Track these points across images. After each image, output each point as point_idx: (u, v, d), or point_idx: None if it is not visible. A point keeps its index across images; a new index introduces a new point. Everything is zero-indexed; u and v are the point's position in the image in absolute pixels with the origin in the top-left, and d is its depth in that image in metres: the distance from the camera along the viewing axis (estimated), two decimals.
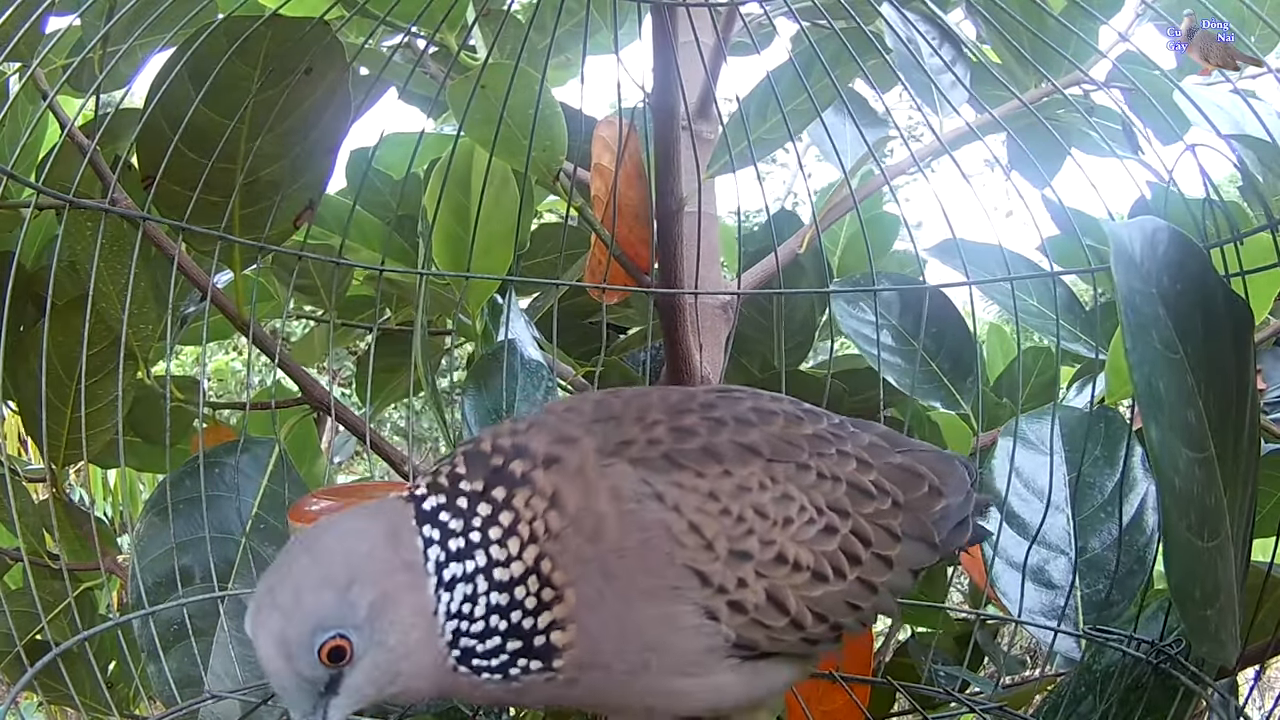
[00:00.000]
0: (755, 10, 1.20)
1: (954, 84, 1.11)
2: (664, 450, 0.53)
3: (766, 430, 0.57)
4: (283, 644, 0.48)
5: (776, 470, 0.55)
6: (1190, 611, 0.56)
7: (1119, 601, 0.81)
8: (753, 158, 1.01)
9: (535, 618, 0.51)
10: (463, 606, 0.51)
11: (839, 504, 0.56)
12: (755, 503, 0.54)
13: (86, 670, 0.89)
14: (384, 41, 1.22)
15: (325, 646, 0.48)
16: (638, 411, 0.56)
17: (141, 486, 1.81)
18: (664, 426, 0.55)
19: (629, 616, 0.51)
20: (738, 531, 0.53)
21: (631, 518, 0.51)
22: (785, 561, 0.54)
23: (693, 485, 0.53)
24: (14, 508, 0.83)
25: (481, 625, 0.51)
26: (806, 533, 0.55)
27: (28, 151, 1.03)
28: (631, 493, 0.51)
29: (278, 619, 0.49)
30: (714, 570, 0.52)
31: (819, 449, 0.58)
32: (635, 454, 0.53)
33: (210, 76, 0.79)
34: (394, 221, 1.15)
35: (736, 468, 0.54)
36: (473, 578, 0.51)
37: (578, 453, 0.52)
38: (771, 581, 0.53)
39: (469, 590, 0.51)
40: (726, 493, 0.53)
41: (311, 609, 0.49)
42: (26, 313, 1.03)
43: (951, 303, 1.13)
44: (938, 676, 0.96)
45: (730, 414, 0.57)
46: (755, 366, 1.32)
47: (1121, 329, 0.53)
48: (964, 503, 0.64)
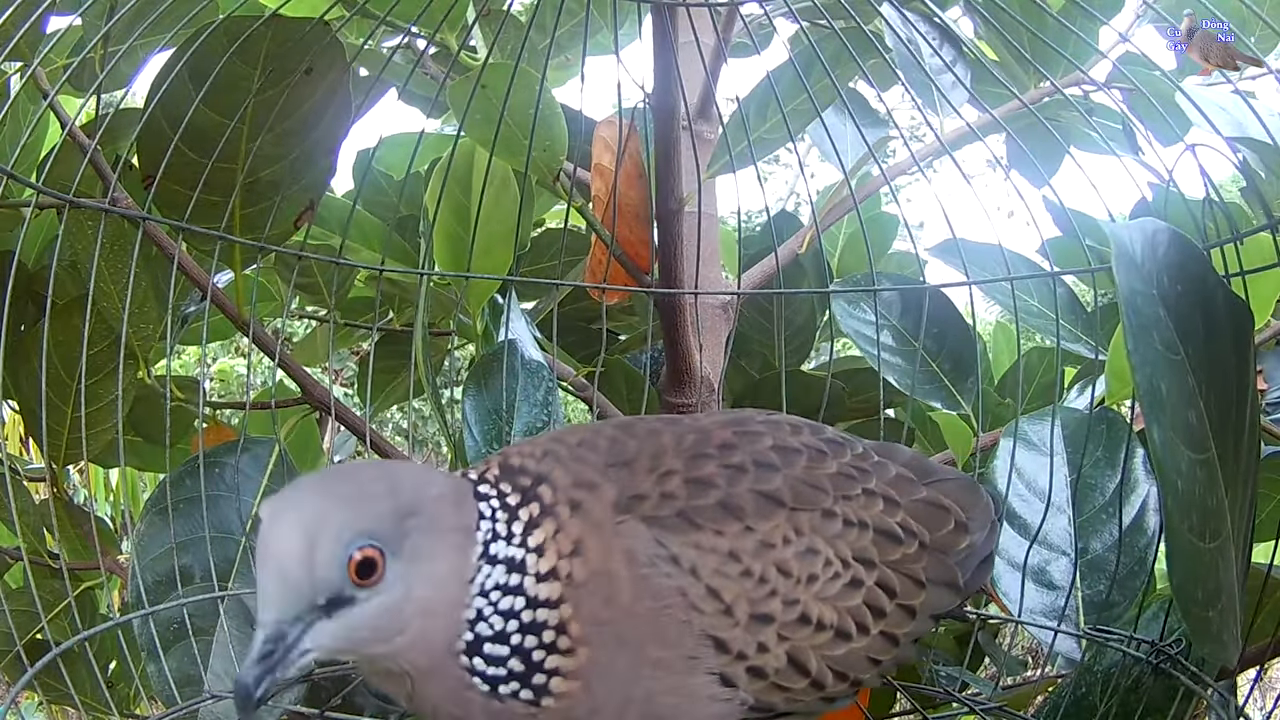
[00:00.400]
0: (755, 11, 1.20)
1: (954, 84, 1.11)
2: (679, 507, 0.50)
3: (789, 474, 0.53)
4: (313, 531, 0.43)
5: (801, 521, 0.52)
6: (1192, 612, 0.56)
7: (1120, 603, 0.81)
8: (753, 158, 1.01)
9: (546, 653, 0.48)
10: (494, 592, 0.48)
11: (865, 553, 0.54)
12: (778, 560, 0.51)
13: (87, 670, 0.89)
14: (384, 42, 1.22)
15: (360, 553, 0.43)
16: (651, 457, 0.52)
17: (143, 486, 1.81)
18: (679, 478, 0.51)
19: (636, 688, 0.48)
20: (759, 594, 0.50)
21: (644, 583, 0.48)
22: (808, 622, 0.51)
23: (711, 546, 0.49)
24: (14, 507, 0.83)
25: (501, 624, 0.48)
26: (831, 589, 0.52)
27: (29, 151, 1.03)
28: (645, 556, 0.48)
29: (319, 503, 0.44)
30: (734, 637, 0.49)
31: (844, 490, 0.55)
32: (649, 511, 0.50)
33: (211, 76, 0.79)
34: (394, 222, 1.15)
35: (758, 522, 0.51)
36: (514, 569, 0.48)
37: (599, 503, 0.50)
38: (794, 644, 0.51)
39: (505, 581, 0.48)
40: (748, 552, 0.50)
41: (366, 510, 0.44)
42: (27, 312, 1.03)
43: (952, 303, 1.13)
44: (938, 677, 0.96)
45: (750, 457, 0.53)
46: (755, 367, 1.32)
47: (1123, 330, 0.53)
48: (988, 538, 0.61)
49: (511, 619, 0.48)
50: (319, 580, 0.43)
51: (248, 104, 0.82)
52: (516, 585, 0.48)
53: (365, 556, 0.44)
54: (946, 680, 0.95)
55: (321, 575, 0.43)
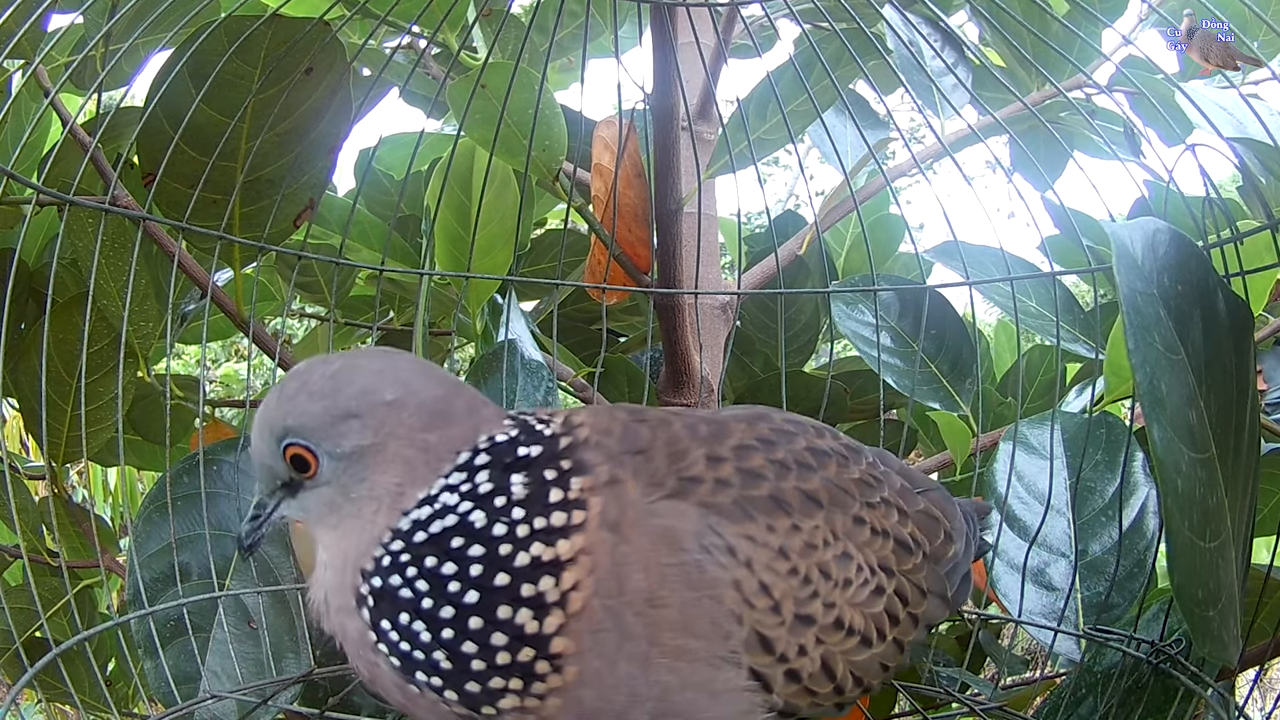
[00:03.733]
0: (756, 12, 1.20)
1: (956, 86, 1.11)
2: (735, 496, 0.48)
3: (825, 476, 0.52)
4: (260, 427, 0.49)
5: (836, 524, 0.51)
6: (1192, 612, 0.56)
7: (1119, 604, 0.81)
8: (753, 158, 1.01)
9: (540, 620, 0.44)
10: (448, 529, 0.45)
11: (886, 562, 0.54)
12: (820, 562, 0.50)
13: (86, 669, 0.89)
14: (385, 42, 1.22)
15: (289, 450, 0.48)
16: (666, 442, 0.50)
17: (141, 487, 1.81)
18: (730, 465, 0.49)
19: (645, 682, 0.45)
20: (804, 594, 0.49)
21: (684, 570, 0.45)
22: (841, 626, 0.50)
23: (764, 540, 0.48)
24: (14, 505, 0.83)
25: (453, 568, 0.44)
26: (861, 595, 0.52)
27: (30, 149, 1.03)
28: (695, 542, 0.46)
29: (270, 400, 0.49)
30: (778, 637, 0.47)
31: (867, 497, 0.54)
32: (705, 496, 0.47)
33: (211, 75, 0.79)
34: (395, 221, 1.16)
35: (803, 520, 0.50)
36: (491, 515, 0.45)
37: (625, 486, 0.47)
38: (827, 648, 0.50)
39: (470, 521, 0.45)
40: (796, 550, 0.49)
41: (294, 410, 0.48)
42: (27, 310, 1.03)
43: (950, 305, 1.13)
44: (938, 677, 0.96)
45: (792, 455, 0.52)
46: (758, 366, 1.32)
47: (1124, 330, 0.53)
48: (966, 552, 0.61)
49: (475, 565, 0.44)
50: (270, 468, 0.50)
51: (248, 103, 0.83)
52: (484, 533, 0.45)
53: (294, 454, 0.48)
54: (947, 681, 0.95)
55: (269, 464, 0.50)
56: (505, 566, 0.45)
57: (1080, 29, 1.04)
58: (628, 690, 0.45)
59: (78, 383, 0.91)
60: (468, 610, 0.45)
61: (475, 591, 0.45)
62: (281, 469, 0.49)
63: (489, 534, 0.45)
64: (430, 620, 0.45)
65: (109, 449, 1.03)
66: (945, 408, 1.09)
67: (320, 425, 0.47)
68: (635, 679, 0.45)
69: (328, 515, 0.49)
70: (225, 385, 3.19)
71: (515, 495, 0.46)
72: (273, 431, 0.49)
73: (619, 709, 0.45)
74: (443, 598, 0.45)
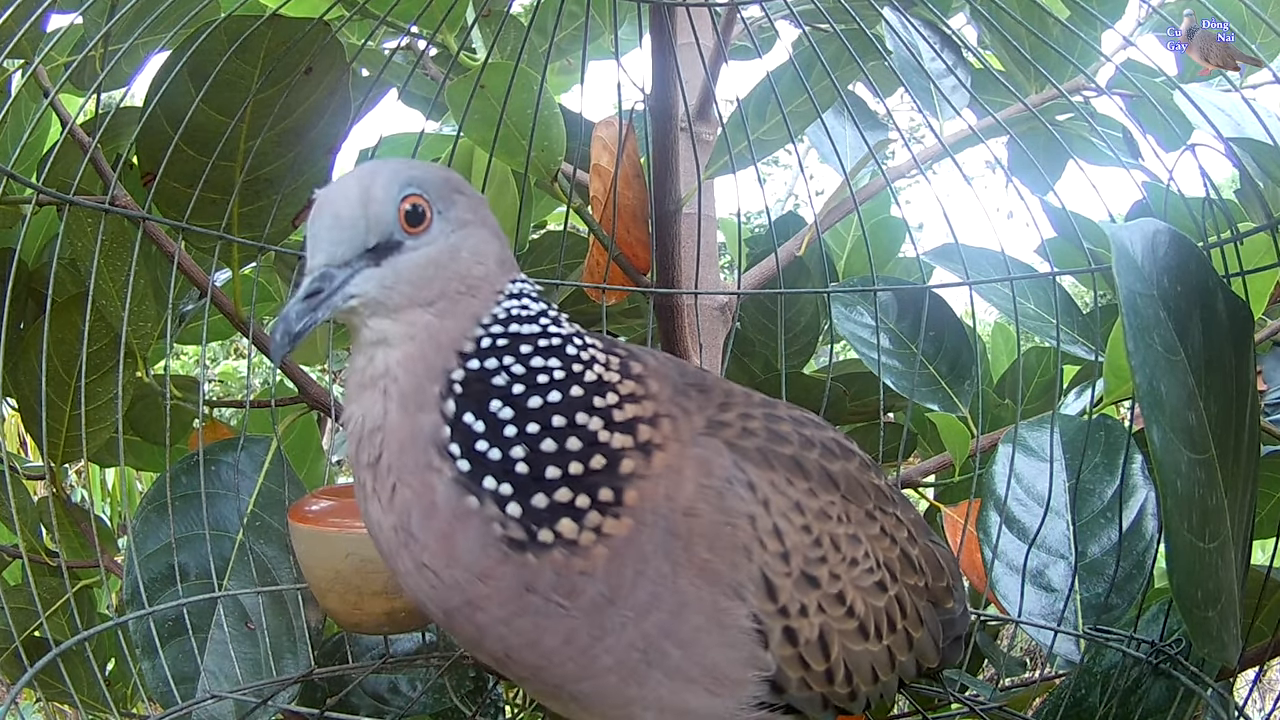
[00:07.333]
0: (756, 13, 1.20)
1: (955, 87, 1.11)
2: (759, 444, 0.51)
3: (846, 465, 0.55)
4: (366, 181, 0.46)
5: (851, 509, 0.53)
6: (1192, 612, 0.56)
7: (1118, 605, 0.81)
8: (753, 158, 1.01)
9: (613, 435, 0.46)
10: (535, 332, 0.47)
11: (891, 565, 0.55)
12: (832, 532, 0.52)
13: (85, 669, 0.89)
14: (385, 43, 1.22)
15: (409, 198, 0.46)
16: (723, 393, 0.53)
17: (140, 487, 1.81)
18: (759, 421, 0.52)
19: (668, 590, 0.46)
20: (814, 554, 0.50)
21: (713, 494, 0.48)
22: (843, 602, 0.52)
23: (783, 489, 0.50)
24: (13, 505, 0.83)
25: (543, 362, 0.47)
26: (866, 580, 0.53)
27: (30, 149, 1.03)
28: (722, 473, 0.48)
29: (373, 164, 0.47)
30: (783, 586, 0.49)
31: (881, 504, 0.56)
32: (730, 437, 0.50)
33: (211, 75, 0.79)
34: None
35: (821, 491, 0.52)
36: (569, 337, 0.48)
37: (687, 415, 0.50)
38: (827, 619, 0.51)
39: (556, 331, 0.48)
40: (812, 511, 0.51)
41: (417, 169, 0.48)
42: (27, 310, 1.03)
43: (949, 306, 1.13)
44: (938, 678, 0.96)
45: (818, 436, 0.55)
46: (758, 367, 1.32)
47: (1123, 331, 0.53)
48: (962, 617, 0.63)
49: (545, 383, 0.47)
50: (373, 219, 0.46)
51: (247, 103, 0.83)
52: (574, 350, 0.48)
53: (414, 203, 0.46)
54: (946, 681, 0.95)
55: (375, 213, 0.46)
56: (588, 381, 0.48)
57: (1080, 31, 1.04)
58: (653, 588, 0.46)
59: (77, 383, 0.91)
60: (552, 408, 0.46)
61: (558, 392, 0.46)
62: (388, 219, 0.46)
63: (570, 347, 0.48)
64: (520, 410, 0.46)
65: (108, 449, 1.03)
66: (944, 409, 1.09)
67: (437, 186, 0.48)
68: (664, 581, 0.46)
69: (420, 289, 0.46)
70: (224, 383, 3.19)
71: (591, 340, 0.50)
72: (393, 178, 0.46)
73: (640, 605, 0.46)
74: (534, 389, 0.46)
